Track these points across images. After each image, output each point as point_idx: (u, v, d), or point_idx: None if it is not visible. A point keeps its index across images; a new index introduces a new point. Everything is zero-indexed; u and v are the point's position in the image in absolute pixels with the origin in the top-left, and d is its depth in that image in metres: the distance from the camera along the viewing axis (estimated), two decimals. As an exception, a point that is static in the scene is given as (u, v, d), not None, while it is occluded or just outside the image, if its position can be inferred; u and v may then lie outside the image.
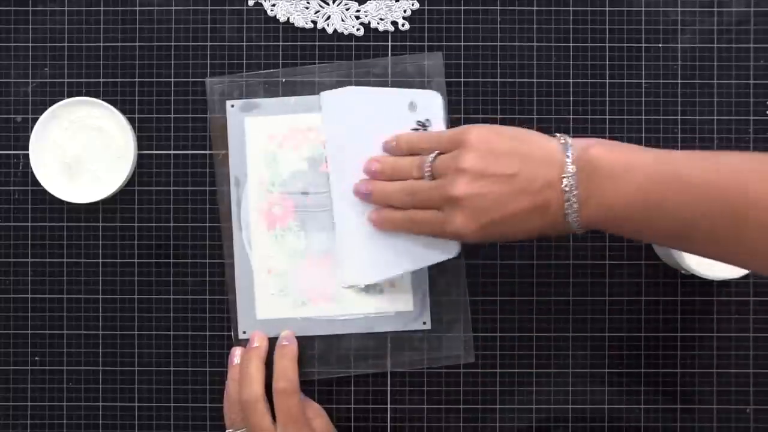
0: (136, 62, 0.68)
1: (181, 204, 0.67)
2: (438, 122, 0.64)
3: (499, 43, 0.67)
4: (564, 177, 0.53)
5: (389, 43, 0.68)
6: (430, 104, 0.64)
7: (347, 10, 0.68)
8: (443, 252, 0.63)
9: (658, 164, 0.51)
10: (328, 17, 0.68)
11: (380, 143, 0.63)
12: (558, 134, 0.55)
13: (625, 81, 0.67)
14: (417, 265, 0.64)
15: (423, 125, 0.64)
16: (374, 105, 0.64)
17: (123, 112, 0.66)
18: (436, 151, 0.59)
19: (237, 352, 0.65)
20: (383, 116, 0.64)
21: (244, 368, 0.64)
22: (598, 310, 0.67)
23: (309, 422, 0.63)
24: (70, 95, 0.67)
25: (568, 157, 0.53)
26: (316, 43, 0.68)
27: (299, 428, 0.61)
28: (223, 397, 0.66)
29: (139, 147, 0.67)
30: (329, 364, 0.67)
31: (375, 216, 0.63)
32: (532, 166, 0.54)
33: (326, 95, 0.65)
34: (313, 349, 0.67)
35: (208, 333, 0.67)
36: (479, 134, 0.56)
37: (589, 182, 0.52)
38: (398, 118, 0.64)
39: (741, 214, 0.48)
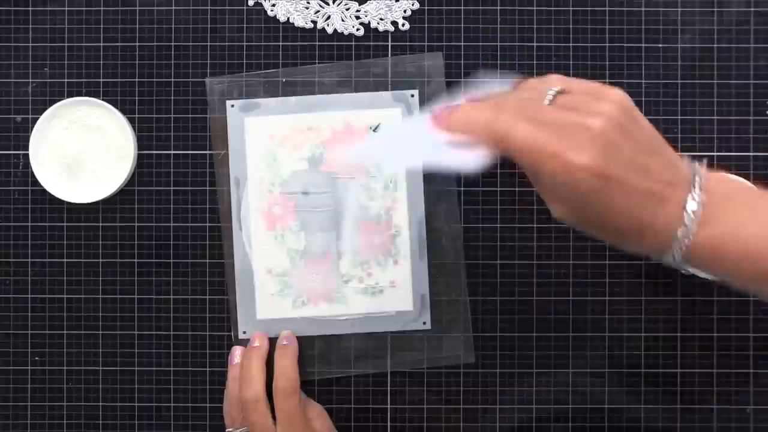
0: (136, 62, 0.68)
1: (181, 204, 0.68)
2: None
3: (499, 43, 0.67)
4: (690, 194, 0.47)
5: (389, 43, 0.68)
6: None
7: (347, 10, 0.68)
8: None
9: None
10: (328, 17, 0.68)
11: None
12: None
13: (625, 81, 0.67)
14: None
15: None
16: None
17: (123, 112, 0.66)
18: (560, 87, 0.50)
19: (237, 352, 0.65)
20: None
21: (244, 367, 0.64)
22: (598, 310, 0.67)
23: (309, 422, 0.63)
24: (70, 95, 0.67)
25: (697, 177, 0.48)
26: (316, 43, 0.68)
27: (299, 428, 0.61)
28: (223, 397, 0.66)
29: (139, 147, 0.67)
30: (329, 364, 0.67)
31: (446, 111, 0.52)
32: (664, 164, 0.48)
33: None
34: (313, 349, 0.67)
35: (208, 333, 0.67)
36: (625, 99, 0.49)
37: (718, 206, 0.47)
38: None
39: None
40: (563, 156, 0.46)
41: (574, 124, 0.47)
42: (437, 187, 0.67)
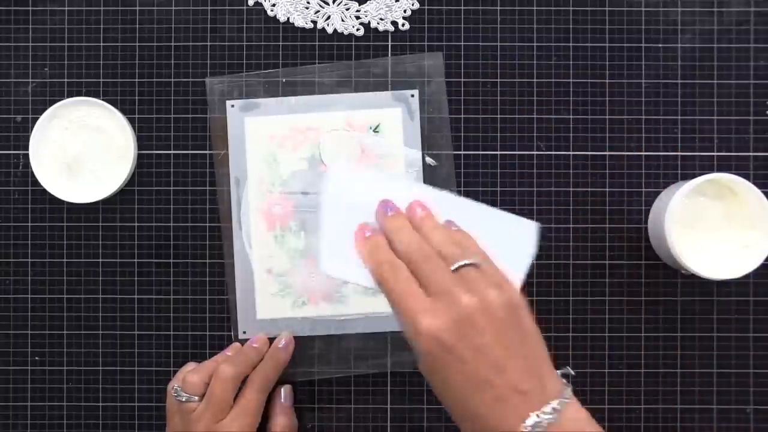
0: (136, 62, 0.68)
1: (181, 204, 0.68)
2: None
3: (499, 43, 0.67)
4: (537, 413, 0.47)
5: (389, 43, 0.68)
6: (524, 240, 0.55)
7: (347, 10, 0.68)
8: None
9: None
10: (328, 17, 0.68)
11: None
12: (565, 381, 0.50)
13: (625, 81, 0.67)
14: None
15: None
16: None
17: (123, 112, 0.66)
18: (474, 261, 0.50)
19: (237, 345, 0.66)
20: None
21: (241, 352, 0.64)
22: (598, 310, 0.67)
23: (271, 426, 0.64)
24: (70, 95, 0.67)
25: (553, 404, 0.47)
26: (316, 43, 0.68)
27: (249, 422, 0.61)
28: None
29: (139, 147, 0.67)
30: (329, 364, 0.67)
31: (365, 235, 0.54)
32: (527, 371, 0.48)
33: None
34: (313, 349, 0.67)
35: (208, 333, 0.67)
36: (516, 297, 0.50)
37: None
38: None
39: None
40: (415, 315, 0.48)
41: (449, 292, 0.48)
42: (437, 187, 0.67)
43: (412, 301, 0.49)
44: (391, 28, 0.68)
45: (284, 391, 0.66)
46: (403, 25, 0.68)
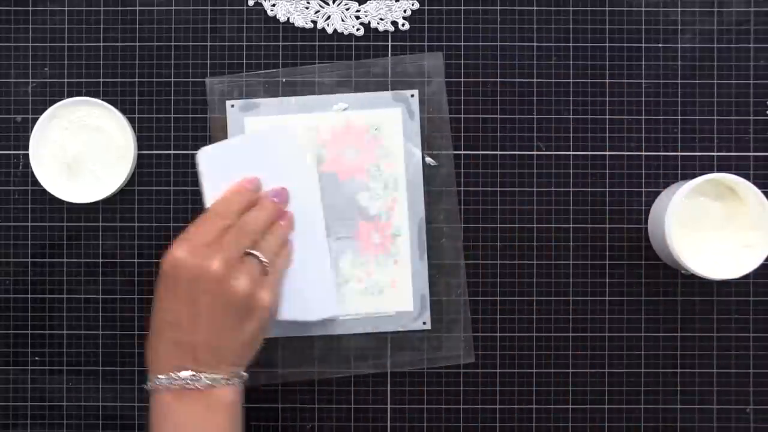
0: (136, 62, 0.68)
1: (181, 204, 0.67)
2: None
3: (499, 43, 0.67)
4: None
5: (389, 43, 0.68)
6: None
7: (347, 10, 0.68)
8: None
9: None
10: (328, 17, 0.68)
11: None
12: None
13: (625, 81, 0.67)
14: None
15: None
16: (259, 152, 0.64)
17: (123, 112, 0.66)
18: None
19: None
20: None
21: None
22: (598, 310, 0.67)
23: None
24: (70, 95, 0.67)
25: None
26: (316, 43, 0.68)
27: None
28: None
29: (139, 147, 0.67)
30: (329, 364, 0.67)
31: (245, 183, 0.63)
32: (220, 351, 0.56)
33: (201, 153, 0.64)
34: (313, 349, 0.67)
35: (208, 333, 0.67)
36: (259, 308, 0.58)
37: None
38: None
39: None
40: (182, 240, 0.57)
41: (218, 251, 0.56)
42: (437, 187, 0.67)
43: (195, 233, 0.57)
44: (391, 28, 0.68)
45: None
46: (403, 25, 0.68)
